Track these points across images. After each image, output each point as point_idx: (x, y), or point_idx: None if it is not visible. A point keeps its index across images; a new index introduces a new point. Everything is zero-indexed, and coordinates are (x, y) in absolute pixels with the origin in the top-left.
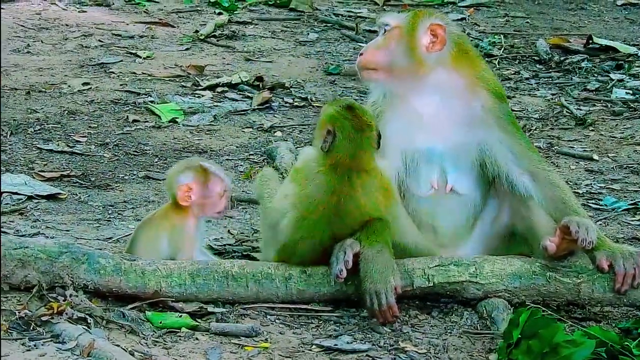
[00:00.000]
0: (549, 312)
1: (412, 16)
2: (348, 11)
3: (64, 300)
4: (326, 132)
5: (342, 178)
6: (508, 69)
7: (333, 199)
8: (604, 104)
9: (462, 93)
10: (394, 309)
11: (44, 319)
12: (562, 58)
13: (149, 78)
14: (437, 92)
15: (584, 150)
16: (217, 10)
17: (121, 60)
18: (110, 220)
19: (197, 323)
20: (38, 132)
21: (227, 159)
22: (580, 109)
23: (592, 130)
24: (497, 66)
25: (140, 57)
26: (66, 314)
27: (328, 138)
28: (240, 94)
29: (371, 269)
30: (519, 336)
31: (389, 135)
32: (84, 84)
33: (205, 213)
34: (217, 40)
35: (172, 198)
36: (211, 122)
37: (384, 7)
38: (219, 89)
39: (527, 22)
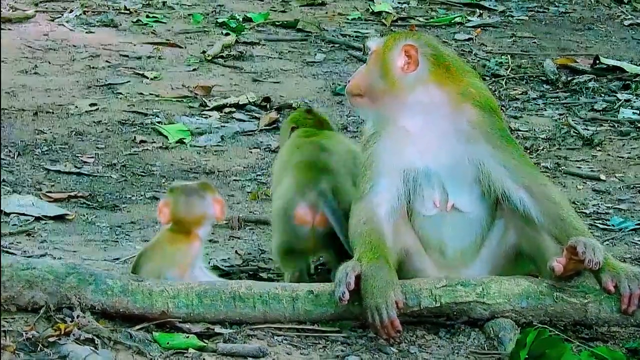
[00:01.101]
0: (556, 332)
1: (387, 39)
2: (355, 32)
3: (71, 321)
4: (290, 129)
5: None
6: (515, 89)
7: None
8: (611, 124)
9: (446, 110)
10: (395, 323)
11: (51, 340)
12: (569, 78)
13: (157, 99)
14: (421, 112)
15: (591, 171)
16: (225, 31)
17: (128, 81)
18: (117, 241)
19: (205, 344)
20: (45, 153)
21: (234, 180)
22: (588, 129)
23: (599, 150)
24: (505, 86)
25: (148, 78)
26: (73, 335)
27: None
28: (247, 115)
29: (371, 285)
30: (526, 356)
31: (386, 156)
32: (92, 104)
33: (204, 228)
34: (225, 61)
35: (177, 223)
36: (218, 142)
37: (391, 27)
38: (226, 110)
39: (534, 43)
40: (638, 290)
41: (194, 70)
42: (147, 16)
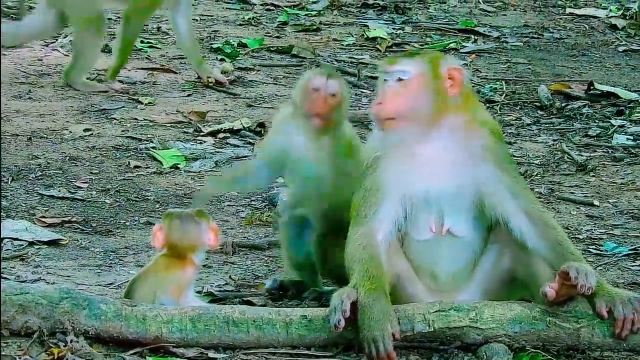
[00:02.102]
0: (549, 357)
1: (431, 61)
2: (350, 57)
3: (64, 346)
4: None
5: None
6: (509, 115)
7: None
8: (605, 150)
9: (466, 134)
10: (392, 355)
11: None
12: (563, 104)
13: (151, 124)
14: (445, 135)
15: (585, 196)
16: (220, 57)
17: (123, 107)
18: (111, 266)
19: None
20: (39, 178)
21: (228, 205)
22: (581, 155)
23: (593, 176)
24: (499, 112)
25: (142, 103)
26: (67, 359)
27: None
28: (242, 140)
29: (368, 316)
30: None
31: (392, 181)
32: (86, 130)
33: (199, 254)
34: (219, 87)
35: (171, 249)
36: (213, 168)
37: (386, 53)
38: (221, 135)
39: (529, 68)
40: (631, 314)
41: (189, 95)
42: (142, 41)
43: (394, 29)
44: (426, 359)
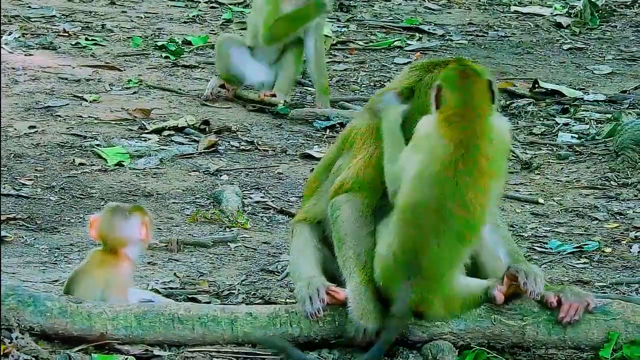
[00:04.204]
0: (494, 355)
1: None
2: None
3: (10, 343)
4: (435, 92)
5: (461, 127)
6: None
7: (457, 151)
8: (549, 148)
9: None
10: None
11: None
12: (508, 102)
13: (96, 121)
14: None
15: (530, 194)
16: (164, 54)
17: (67, 104)
18: (56, 263)
19: None
20: None
21: (173, 203)
22: (526, 153)
23: (538, 174)
24: None
25: (87, 101)
26: (12, 356)
27: (437, 95)
28: (186, 138)
29: (364, 306)
30: None
31: None
32: (30, 127)
33: (130, 249)
34: (164, 84)
35: (105, 244)
36: (157, 165)
37: (331, 51)
38: (166, 133)
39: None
40: (577, 302)
41: (134, 93)
42: (86, 39)
43: (338, 26)
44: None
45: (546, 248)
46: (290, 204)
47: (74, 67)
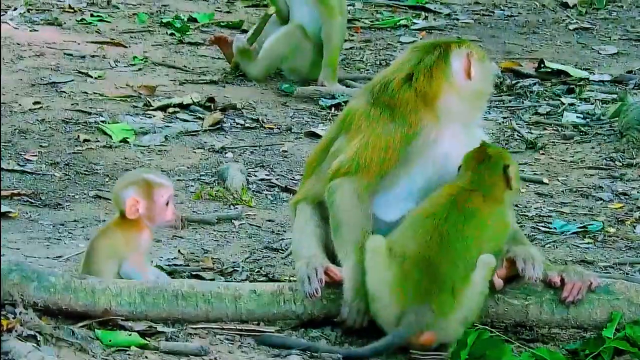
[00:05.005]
0: (497, 334)
1: None
2: None
3: (13, 318)
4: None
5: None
6: None
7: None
8: (554, 128)
9: None
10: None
11: None
12: (513, 82)
13: (100, 98)
14: None
15: (534, 174)
16: (169, 31)
17: (72, 80)
18: (60, 239)
19: (147, 342)
20: None
21: (177, 180)
22: (531, 133)
23: (543, 153)
24: None
25: (92, 77)
26: (16, 331)
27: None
28: (191, 115)
29: (357, 289)
30: (467, 357)
31: None
32: (35, 103)
33: (155, 224)
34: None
35: (120, 213)
36: (162, 142)
37: None
38: (171, 110)
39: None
40: (580, 282)
41: (139, 69)
42: (92, 15)
43: None
44: (374, 337)
45: (550, 228)
46: (295, 181)
47: (79, 44)
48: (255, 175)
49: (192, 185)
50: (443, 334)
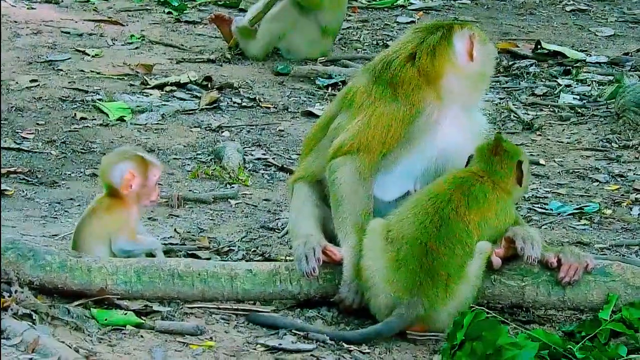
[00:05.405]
0: (493, 315)
1: None
2: None
3: (9, 296)
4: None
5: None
6: None
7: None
8: (551, 109)
9: None
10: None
11: None
12: (510, 63)
13: (97, 76)
14: None
15: (531, 155)
16: (167, 10)
17: (69, 58)
18: (56, 217)
19: (142, 321)
20: None
21: (174, 158)
22: (528, 114)
23: (539, 135)
24: None
25: (89, 55)
26: (11, 309)
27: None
28: (188, 94)
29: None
30: (463, 338)
31: None
32: (32, 80)
33: (141, 202)
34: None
35: (107, 188)
36: (159, 121)
37: None
38: (168, 88)
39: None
40: (576, 263)
41: (136, 48)
42: None
43: None
44: (370, 319)
45: (546, 209)
46: (292, 161)
47: (76, 22)
48: (252, 155)
49: (188, 164)
50: (433, 326)
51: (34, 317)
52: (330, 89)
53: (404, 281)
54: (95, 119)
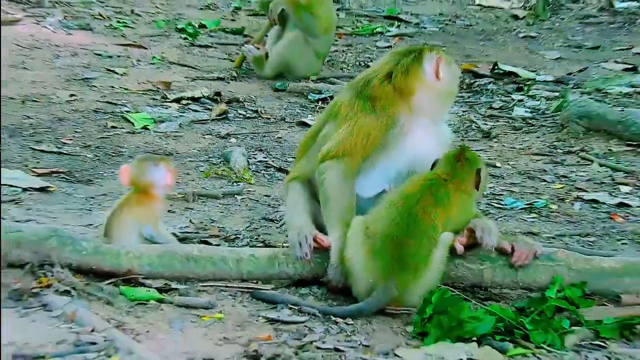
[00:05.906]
0: (457, 293)
1: None
2: None
3: (51, 276)
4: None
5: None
6: None
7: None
8: (506, 120)
9: None
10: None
11: (35, 291)
12: (472, 81)
13: (125, 91)
14: None
15: (489, 159)
16: (183, 35)
17: (101, 76)
18: (91, 210)
19: (163, 297)
20: (32, 135)
21: (189, 161)
22: (487, 124)
23: (496, 142)
24: None
25: (118, 74)
26: (53, 287)
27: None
28: (201, 106)
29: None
30: (431, 312)
31: None
32: (71, 95)
33: (166, 193)
34: (183, 61)
35: (136, 186)
36: (177, 129)
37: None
38: (184, 102)
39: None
40: (526, 249)
41: (157, 68)
42: (118, 21)
43: None
44: (350, 296)
45: (502, 204)
46: (288, 163)
47: (107, 45)
48: (255, 158)
49: (201, 166)
50: (406, 304)
51: (72, 294)
52: (320, 102)
53: (380, 269)
54: (123, 128)
